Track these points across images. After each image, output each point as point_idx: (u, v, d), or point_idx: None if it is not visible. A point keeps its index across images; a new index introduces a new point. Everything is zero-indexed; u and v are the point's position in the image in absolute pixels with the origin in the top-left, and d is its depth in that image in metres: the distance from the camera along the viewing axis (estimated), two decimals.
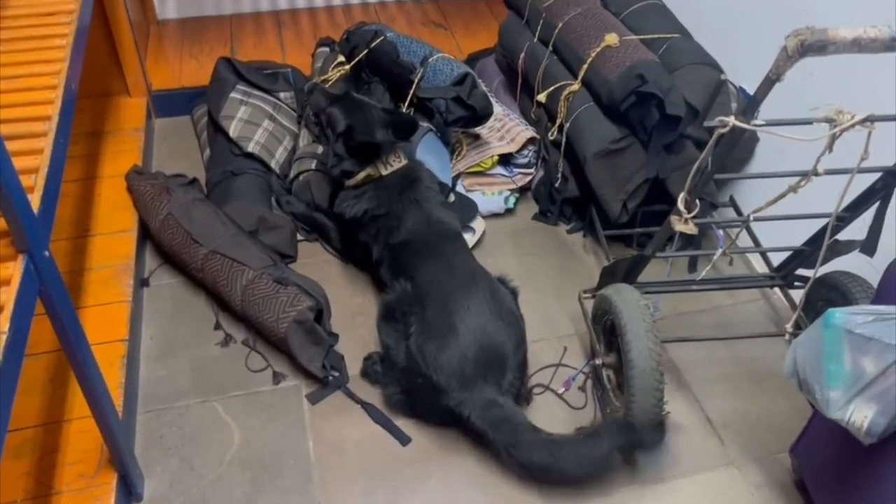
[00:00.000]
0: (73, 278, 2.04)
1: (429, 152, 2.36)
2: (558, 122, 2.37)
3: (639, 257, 1.81)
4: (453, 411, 1.75)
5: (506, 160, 2.53)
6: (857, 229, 1.66)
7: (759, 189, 2.26)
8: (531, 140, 2.51)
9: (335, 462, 1.79)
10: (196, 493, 1.71)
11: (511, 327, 1.84)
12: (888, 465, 1.33)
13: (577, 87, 2.32)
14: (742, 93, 2.27)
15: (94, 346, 1.40)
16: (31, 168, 1.26)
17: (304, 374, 1.96)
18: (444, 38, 3.33)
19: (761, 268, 2.22)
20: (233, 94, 2.57)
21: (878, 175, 1.55)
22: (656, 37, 2.32)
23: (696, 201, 1.50)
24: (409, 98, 2.43)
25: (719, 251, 1.75)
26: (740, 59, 2.26)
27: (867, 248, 1.65)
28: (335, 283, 2.23)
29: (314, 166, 2.41)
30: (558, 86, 2.38)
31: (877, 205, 1.60)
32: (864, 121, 1.27)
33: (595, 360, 1.89)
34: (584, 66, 2.27)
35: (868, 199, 1.60)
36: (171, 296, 2.19)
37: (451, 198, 2.37)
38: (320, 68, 2.75)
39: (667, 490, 1.76)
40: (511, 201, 2.52)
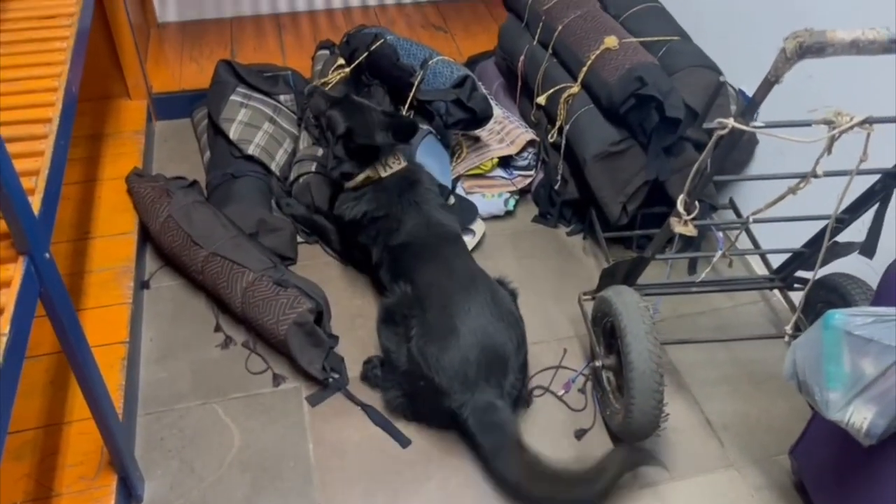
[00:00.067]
0: (73, 280, 2.04)
1: (429, 155, 2.36)
2: (558, 124, 2.38)
3: (638, 259, 1.81)
4: (455, 413, 1.75)
5: (505, 162, 2.54)
6: (856, 231, 1.66)
7: (759, 191, 2.26)
8: (531, 142, 2.51)
9: (335, 464, 1.79)
10: (196, 495, 1.71)
11: (512, 329, 1.84)
12: (888, 467, 1.33)
13: (576, 89, 2.32)
14: (741, 95, 2.27)
15: (94, 349, 1.40)
16: (32, 170, 1.26)
17: (304, 376, 1.96)
18: (444, 41, 3.34)
19: (761, 270, 2.22)
20: (233, 97, 2.58)
21: (877, 177, 1.55)
22: (656, 39, 2.32)
23: (696, 203, 1.50)
24: (409, 101, 2.44)
25: (719, 253, 1.75)
26: (740, 62, 2.27)
27: (866, 249, 1.65)
28: (335, 285, 2.23)
29: (314, 169, 2.41)
30: (558, 88, 2.38)
31: (876, 206, 1.60)
32: (862, 123, 1.27)
33: (595, 363, 1.89)
34: (584, 69, 2.27)
35: (867, 201, 1.60)
36: (172, 298, 2.19)
37: (451, 200, 2.37)
38: (320, 71, 2.76)
39: (666, 492, 1.76)
40: (511, 203, 2.52)
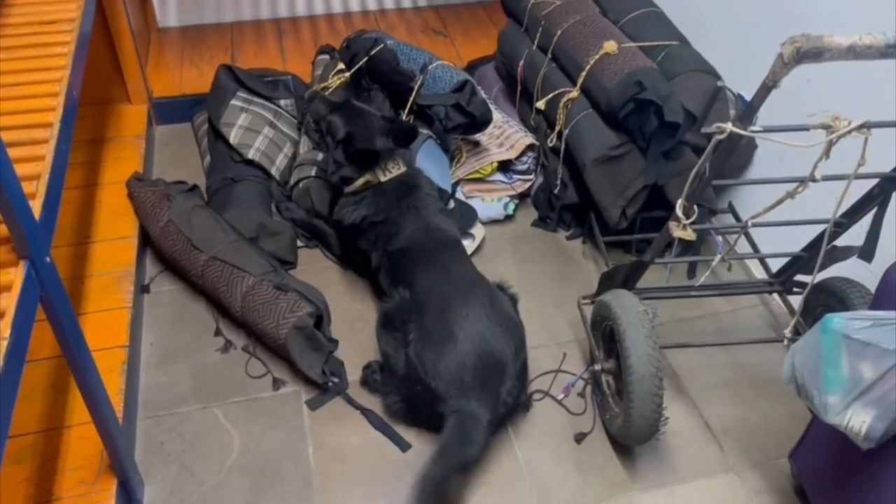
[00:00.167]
0: (73, 285, 2.04)
1: (428, 159, 2.37)
2: (557, 128, 2.38)
3: (638, 263, 1.81)
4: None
5: (505, 167, 2.54)
6: (854, 235, 1.67)
7: (758, 195, 2.26)
8: (530, 147, 2.52)
9: (335, 468, 1.79)
10: (196, 499, 1.71)
11: (510, 334, 1.83)
12: (887, 470, 1.33)
13: (575, 94, 2.33)
14: (740, 99, 2.28)
15: (94, 353, 1.40)
16: (33, 175, 1.27)
17: (304, 380, 1.97)
18: (444, 46, 3.34)
19: (760, 274, 2.22)
20: (233, 102, 2.58)
21: (875, 181, 1.56)
22: (655, 44, 2.33)
23: (695, 207, 1.51)
24: (408, 105, 2.44)
25: (718, 257, 1.75)
26: (738, 66, 2.27)
27: (865, 253, 1.65)
28: (335, 290, 2.23)
29: (314, 173, 2.41)
30: (557, 93, 2.39)
31: (874, 210, 1.60)
32: (860, 127, 1.27)
33: (594, 366, 1.89)
34: (583, 74, 2.28)
35: (865, 205, 1.61)
36: (172, 302, 2.19)
37: (451, 204, 2.37)
38: (320, 76, 2.76)
39: (666, 496, 1.76)
40: (510, 208, 2.52)
